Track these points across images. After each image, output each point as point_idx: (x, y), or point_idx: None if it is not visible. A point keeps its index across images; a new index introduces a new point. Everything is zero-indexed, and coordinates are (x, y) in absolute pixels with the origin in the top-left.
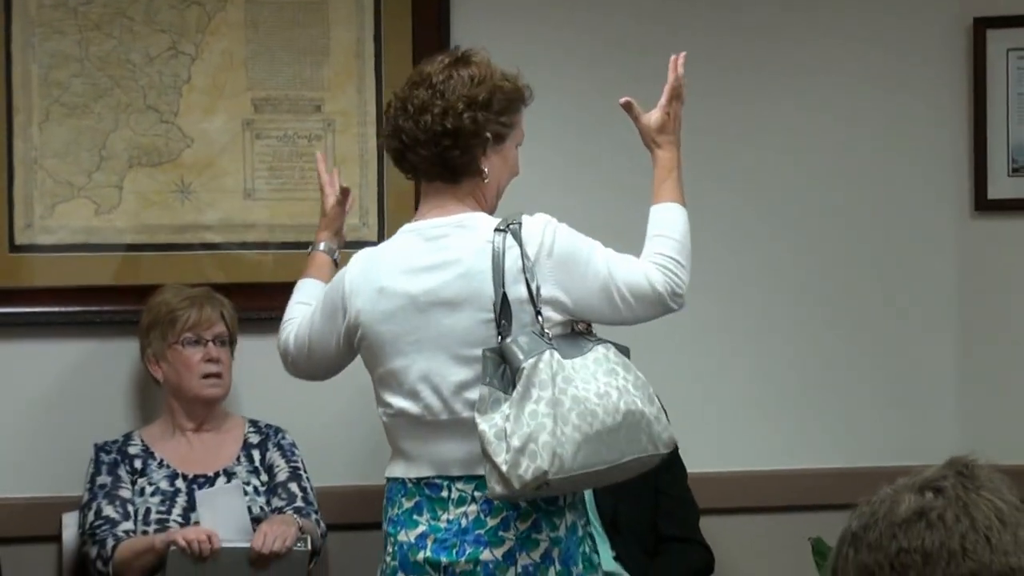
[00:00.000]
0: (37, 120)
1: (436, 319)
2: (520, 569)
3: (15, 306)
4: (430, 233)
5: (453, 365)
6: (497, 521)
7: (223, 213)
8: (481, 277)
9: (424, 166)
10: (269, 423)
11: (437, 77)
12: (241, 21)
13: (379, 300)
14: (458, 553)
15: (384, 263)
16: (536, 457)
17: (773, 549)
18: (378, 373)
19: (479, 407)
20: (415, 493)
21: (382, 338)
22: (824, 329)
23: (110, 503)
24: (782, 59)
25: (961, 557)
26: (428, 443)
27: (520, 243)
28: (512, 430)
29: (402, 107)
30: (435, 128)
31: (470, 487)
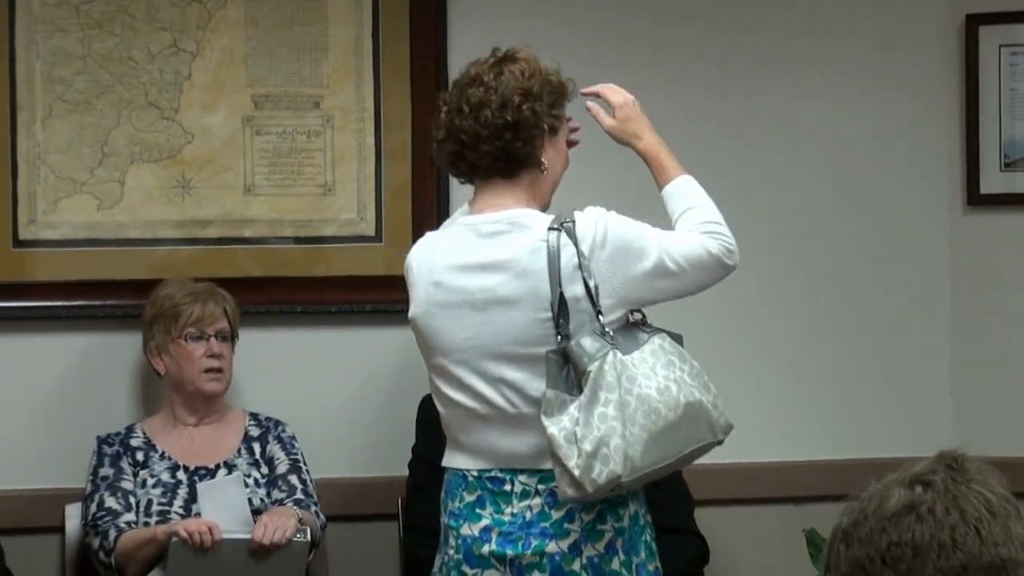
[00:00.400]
0: (40, 117)
1: (493, 317)
2: (585, 560)
3: (19, 300)
4: (485, 230)
5: (510, 363)
6: (562, 514)
7: (223, 208)
8: (537, 276)
9: (484, 162)
10: (269, 416)
11: (487, 75)
12: (241, 19)
13: (435, 293)
14: (524, 546)
15: (439, 256)
16: (609, 461)
17: (768, 540)
18: (434, 363)
19: (545, 409)
20: (477, 487)
21: (437, 332)
22: (818, 323)
23: (112, 495)
24: (775, 55)
25: (951, 549)
26: (488, 437)
27: (575, 241)
28: (583, 434)
29: (457, 108)
30: (496, 122)
31: (533, 480)
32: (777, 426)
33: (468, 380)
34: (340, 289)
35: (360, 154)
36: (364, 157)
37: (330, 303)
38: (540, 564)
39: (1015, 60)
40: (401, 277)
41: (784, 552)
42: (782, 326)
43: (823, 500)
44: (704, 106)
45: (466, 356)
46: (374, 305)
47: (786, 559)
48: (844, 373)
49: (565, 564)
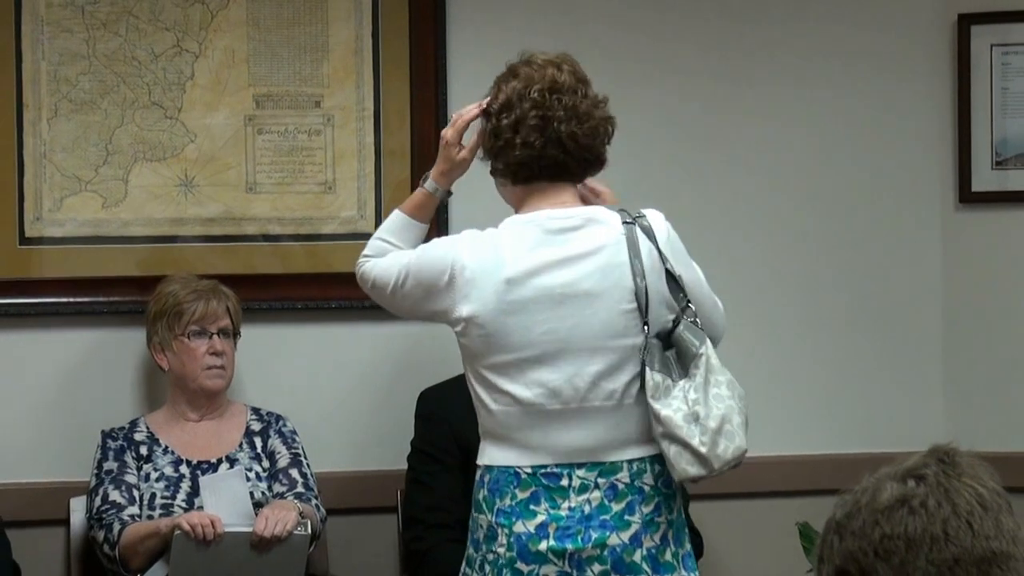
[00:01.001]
0: (46, 116)
1: (573, 311)
2: (645, 552)
3: (25, 296)
4: (554, 226)
5: (590, 355)
6: (622, 506)
7: (225, 206)
8: (621, 269)
9: (574, 166)
10: (271, 411)
11: (571, 82)
12: (243, 19)
13: (507, 291)
14: (584, 539)
15: (507, 254)
16: (734, 437)
17: (761, 534)
18: (495, 361)
19: (654, 394)
20: (531, 483)
21: (510, 329)
22: (811, 318)
23: (116, 488)
24: (768, 53)
25: (943, 542)
26: (550, 432)
27: (653, 237)
28: (705, 413)
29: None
30: (600, 129)
31: (592, 474)
32: (770, 421)
33: (538, 375)
34: (340, 285)
35: (360, 153)
36: (364, 156)
37: (331, 299)
38: (601, 556)
39: (1006, 59)
40: None
41: (777, 545)
42: (775, 323)
43: (816, 494)
44: (697, 104)
45: (539, 351)
46: (373, 301)
47: (779, 552)
48: (837, 369)
49: (626, 556)
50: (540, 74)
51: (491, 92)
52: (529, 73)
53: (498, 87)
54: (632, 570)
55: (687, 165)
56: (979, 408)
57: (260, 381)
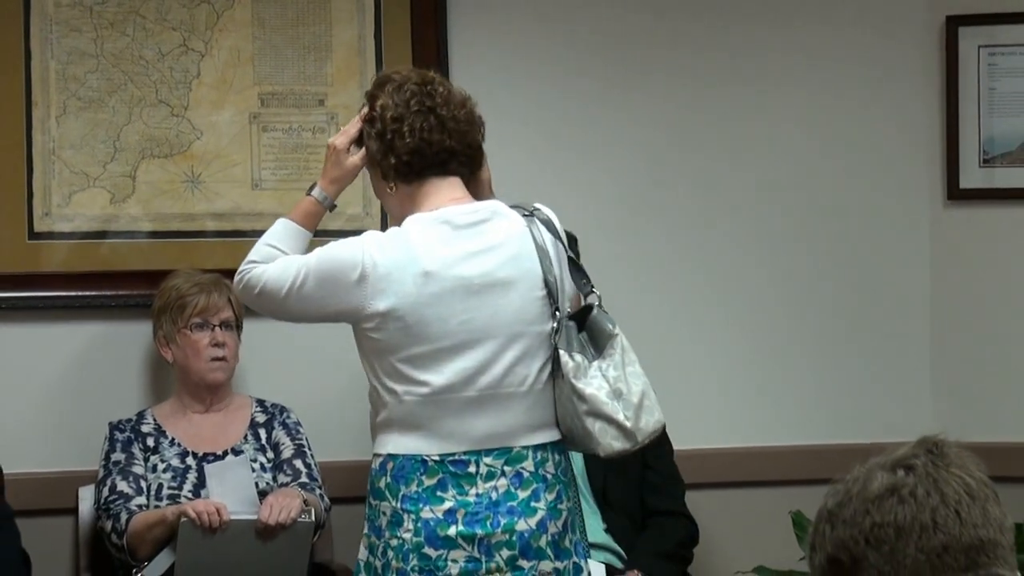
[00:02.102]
0: (55, 113)
1: (491, 299)
2: (549, 537)
3: (35, 290)
4: (462, 220)
5: (506, 342)
6: (528, 493)
7: (231, 202)
8: (530, 259)
9: (456, 150)
10: (275, 402)
11: (431, 75)
12: (248, 19)
13: (426, 283)
14: (492, 524)
15: (420, 248)
16: (654, 411)
17: (755, 522)
18: (412, 353)
19: (575, 374)
20: (437, 470)
21: (427, 319)
22: (804, 312)
23: (124, 479)
24: (758, 54)
25: (932, 530)
26: (464, 419)
27: (553, 228)
28: (627, 389)
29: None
30: (476, 120)
31: (499, 461)
32: (764, 412)
33: (455, 363)
34: None
35: None
36: None
37: None
38: (509, 542)
39: (993, 60)
40: None
41: (771, 533)
42: (768, 317)
43: (808, 483)
44: (685, 104)
45: (457, 340)
46: None
47: (773, 539)
48: (829, 362)
49: (533, 541)
50: (408, 75)
51: (367, 105)
52: (399, 76)
53: (373, 96)
54: (538, 555)
55: (677, 164)
56: (966, 400)
57: (265, 374)
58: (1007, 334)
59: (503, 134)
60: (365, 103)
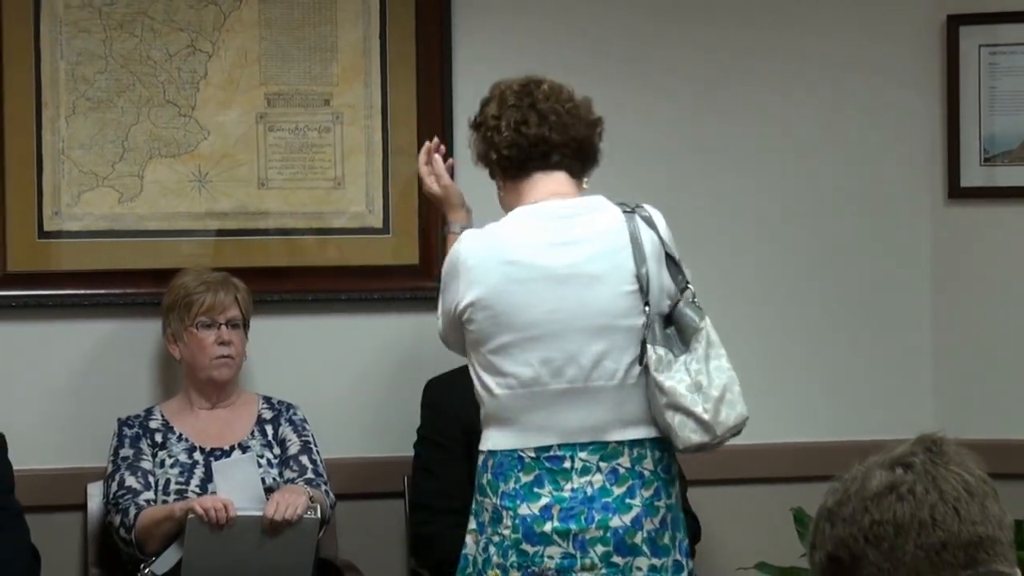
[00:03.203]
0: (64, 114)
1: (578, 291)
2: (645, 534)
3: (44, 289)
4: (555, 212)
5: (593, 335)
6: (623, 489)
7: (238, 201)
8: (622, 253)
9: (555, 141)
10: (281, 399)
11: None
12: (255, 20)
13: (511, 271)
14: (587, 520)
15: (508, 239)
16: (735, 405)
17: (757, 518)
18: (500, 343)
19: (656, 367)
20: (534, 467)
21: (514, 308)
22: (806, 310)
23: (132, 474)
24: (760, 53)
25: (931, 527)
26: (554, 412)
27: (653, 225)
28: (708, 382)
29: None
30: (588, 116)
31: (595, 457)
32: (766, 410)
33: (541, 354)
34: (350, 278)
35: (368, 149)
36: (372, 152)
37: (340, 291)
38: (604, 538)
39: (994, 59)
40: (407, 266)
41: (772, 529)
42: (769, 314)
43: (810, 480)
44: (689, 103)
45: (543, 330)
46: (382, 293)
47: (774, 536)
48: (829, 359)
49: (628, 537)
50: (516, 80)
51: (478, 111)
52: (506, 82)
53: (484, 103)
54: (633, 551)
55: (679, 163)
56: (966, 397)
57: (272, 371)
58: (1008, 332)
59: None
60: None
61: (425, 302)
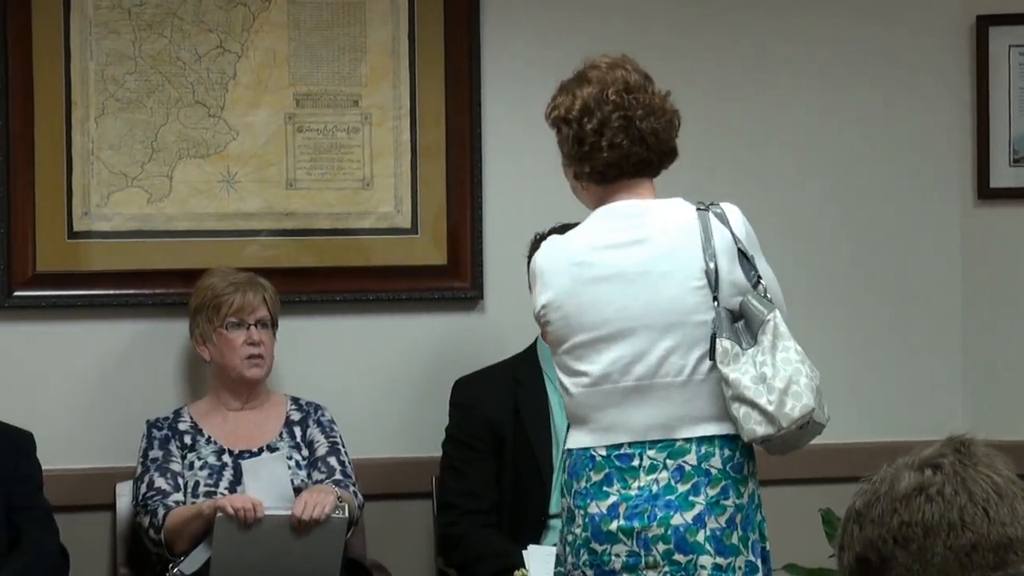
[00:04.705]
0: (94, 114)
1: (645, 288)
2: (708, 532)
3: (73, 289)
4: (626, 212)
5: (661, 331)
6: (688, 487)
7: (266, 202)
8: (691, 250)
9: (655, 161)
10: (310, 400)
11: (633, 78)
12: (284, 21)
13: (581, 272)
14: (649, 518)
15: (578, 241)
16: (801, 396)
17: (785, 519)
18: (574, 343)
19: (723, 359)
20: (604, 465)
21: (584, 308)
22: (835, 311)
23: (161, 475)
24: (794, 57)
25: (960, 528)
26: (624, 409)
27: (726, 222)
28: (772, 373)
29: (644, 112)
30: (675, 122)
31: (662, 455)
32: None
33: (611, 352)
34: (377, 278)
35: (396, 150)
36: (400, 153)
37: (368, 292)
38: (665, 536)
39: None
40: (435, 267)
41: (800, 530)
42: (801, 315)
43: (838, 481)
44: (719, 101)
45: (613, 328)
46: (409, 293)
47: (802, 537)
48: (859, 360)
49: (689, 535)
50: (611, 76)
51: (561, 99)
52: (600, 76)
53: (572, 94)
54: (695, 550)
55: (709, 160)
56: (996, 398)
57: (300, 372)
58: None
59: (537, 133)
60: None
61: (453, 302)
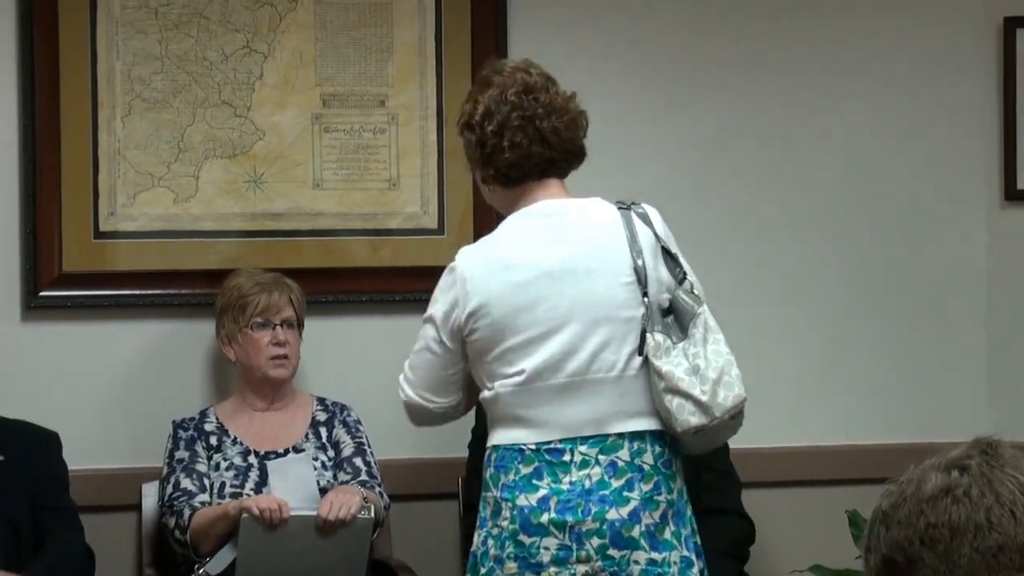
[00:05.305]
0: (120, 114)
1: (573, 285)
2: (644, 528)
3: (99, 289)
4: (545, 211)
5: (592, 327)
6: (622, 482)
7: (293, 202)
8: (617, 247)
9: (556, 158)
10: (336, 401)
11: (534, 80)
12: (310, 21)
13: (509, 274)
14: (584, 512)
15: (502, 244)
16: (733, 387)
17: (811, 521)
18: (503, 349)
19: (654, 353)
20: (534, 459)
21: (514, 310)
22: (861, 313)
23: (187, 476)
24: (820, 58)
25: (987, 530)
26: (556, 406)
27: (648, 222)
28: (705, 365)
29: (544, 112)
30: (581, 120)
31: (594, 450)
32: (820, 412)
33: (543, 350)
34: (404, 279)
35: (423, 150)
36: (427, 153)
37: (395, 292)
38: (600, 530)
39: None
40: None
41: (827, 532)
42: (824, 316)
43: (864, 483)
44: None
45: (544, 328)
46: None
47: (829, 538)
48: (885, 361)
49: (625, 531)
50: (512, 79)
51: (466, 107)
52: (501, 80)
53: (474, 99)
54: (631, 545)
55: (733, 155)
56: (1022, 399)
57: (326, 372)
58: None
59: None
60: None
61: None
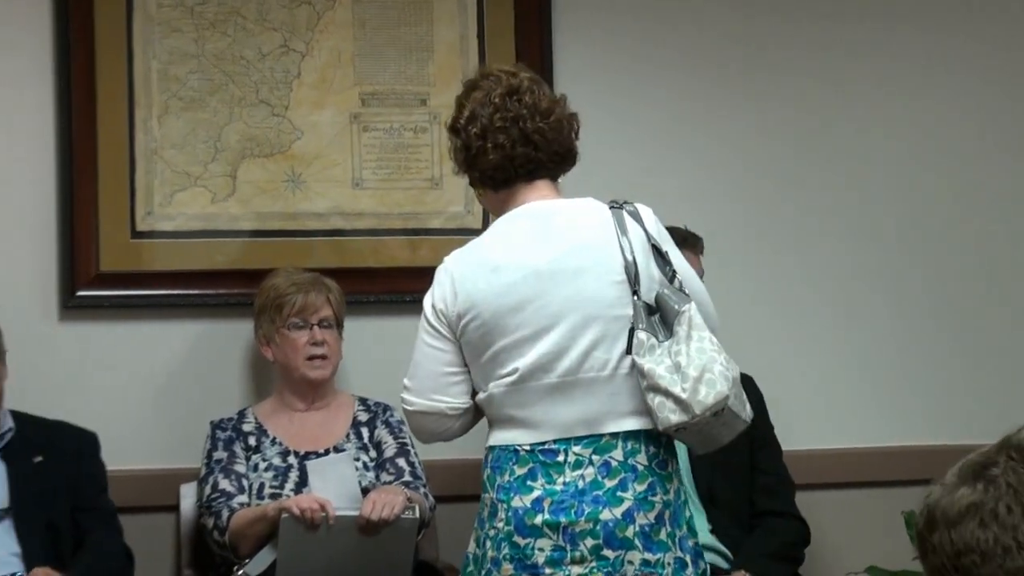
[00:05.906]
0: (156, 114)
1: (563, 284)
2: (638, 528)
3: (137, 289)
4: (535, 211)
5: (582, 325)
6: (615, 482)
7: (332, 201)
8: (608, 246)
9: (542, 159)
10: (378, 401)
11: (520, 82)
12: (349, 20)
13: (497, 276)
14: (577, 513)
15: (490, 246)
16: (715, 384)
17: (868, 522)
18: (495, 349)
19: (638, 351)
20: (528, 460)
21: (503, 311)
22: (918, 316)
23: (226, 477)
24: (893, 57)
25: (1016, 551)
26: (549, 406)
27: (639, 220)
28: (687, 363)
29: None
30: (566, 123)
31: (588, 451)
32: (875, 414)
33: (536, 350)
34: None
35: None
36: None
37: None
38: (593, 531)
39: None
40: None
41: (883, 533)
42: (883, 319)
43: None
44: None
45: (534, 327)
46: None
47: (885, 540)
48: (942, 364)
49: (619, 531)
50: (498, 82)
51: (454, 112)
52: (487, 84)
53: (461, 104)
54: (624, 545)
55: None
56: None
57: (368, 372)
58: None
59: (608, 132)
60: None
61: None
